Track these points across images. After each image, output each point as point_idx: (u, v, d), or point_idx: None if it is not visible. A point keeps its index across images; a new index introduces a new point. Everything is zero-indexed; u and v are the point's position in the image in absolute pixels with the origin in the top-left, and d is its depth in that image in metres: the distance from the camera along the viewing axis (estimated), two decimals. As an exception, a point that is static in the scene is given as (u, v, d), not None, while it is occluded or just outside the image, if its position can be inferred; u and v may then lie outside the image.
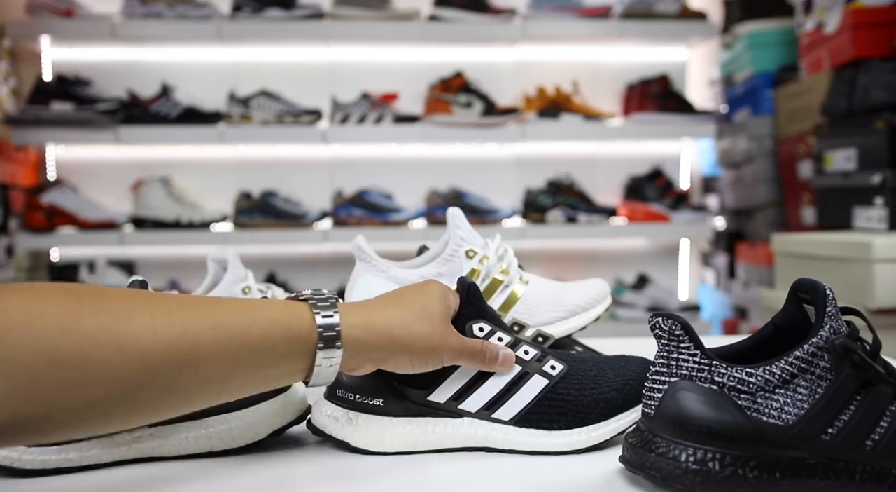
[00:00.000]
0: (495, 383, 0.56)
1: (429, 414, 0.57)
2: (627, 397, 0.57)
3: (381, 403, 0.56)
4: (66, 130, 2.26)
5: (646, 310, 2.43)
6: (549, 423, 0.56)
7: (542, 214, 2.38)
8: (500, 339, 0.57)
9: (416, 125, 2.35)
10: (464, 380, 0.56)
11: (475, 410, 0.56)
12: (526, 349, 0.58)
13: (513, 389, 0.56)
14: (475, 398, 0.56)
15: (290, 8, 2.32)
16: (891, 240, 1.53)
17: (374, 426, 0.56)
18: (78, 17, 2.29)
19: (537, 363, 0.58)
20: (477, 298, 0.57)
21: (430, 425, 0.57)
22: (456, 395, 0.56)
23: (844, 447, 0.46)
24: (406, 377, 0.55)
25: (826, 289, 0.49)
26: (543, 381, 0.57)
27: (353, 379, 0.57)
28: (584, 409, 0.57)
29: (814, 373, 0.47)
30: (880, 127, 1.77)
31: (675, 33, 2.42)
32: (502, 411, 0.56)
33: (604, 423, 0.57)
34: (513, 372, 0.57)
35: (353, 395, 0.57)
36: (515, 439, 0.56)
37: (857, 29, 1.91)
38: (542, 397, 0.56)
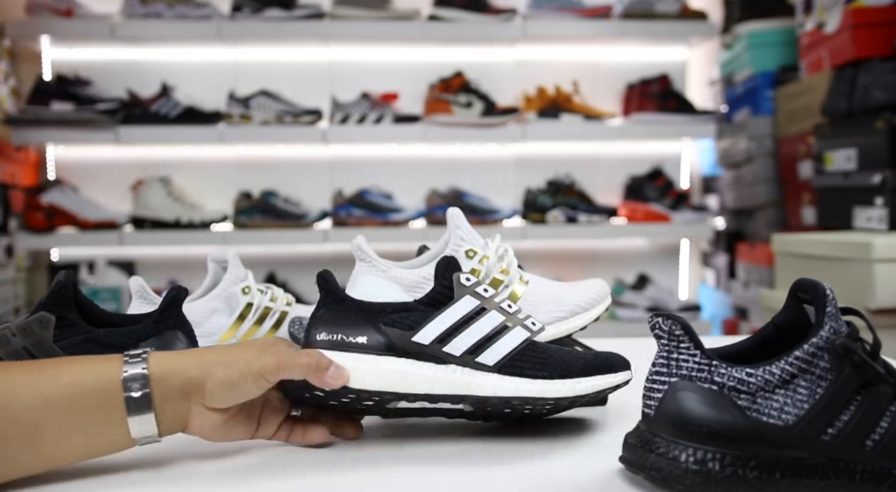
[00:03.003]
0: (479, 327, 0.57)
1: (413, 356, 0.56)
2: (605, 363, 0.59)
3: (365, 340, 0.56)
4: (66, 130, 2.26)
5: (646, 310, 2.43)
6: (533, 371, 0.57)
7: (542, 214, 2.38)
8: (485, 290, 0.59)
9: (416, 125, 2.35)
10: (449, 322, 0.56)
11: (459, 353, 0.56)
12: (509, 304, 0.59)
13: (496, 337, 0.57)
14: (459, 341, 0.56)
15: (290, 8, 2.32)
16: (891, 240, 1.53)
17: (355, 361, 0.55)
18: (78, 17, 2.29)
19: (519, 317, 0.59)
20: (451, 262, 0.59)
21: (413, 366, 0.56)
22: (440, 337, 0.56)
23: (844, 447, 0.46)
24: (391, 318, 0.56)
25: (826, 289, 0.50)
26: (524, 333, 0.58)
27: (334, 316, 0.56)
28: (565, 363, 0.58)
29: (814, 373, 0.47)
30: (880, 127, 1.77)
31: (675, 33, 2.42)
32: (486, 355, 0.56)
33: (586, 378, 0.58)
34: (496, 320, 0.57)
35: (335, 334, 0.56)
36: (500, 385, 0.56)
37: (857, 29, 1.91)
38: (525, 348, 0.58)
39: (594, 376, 0.58)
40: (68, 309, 0.66)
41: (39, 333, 0.64)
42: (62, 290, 0.66)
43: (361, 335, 0.56)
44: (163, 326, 0.70)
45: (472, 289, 0.58)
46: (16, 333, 0.64)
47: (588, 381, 0.58)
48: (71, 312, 0.67)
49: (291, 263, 2.54)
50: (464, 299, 0.57)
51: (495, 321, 0.57)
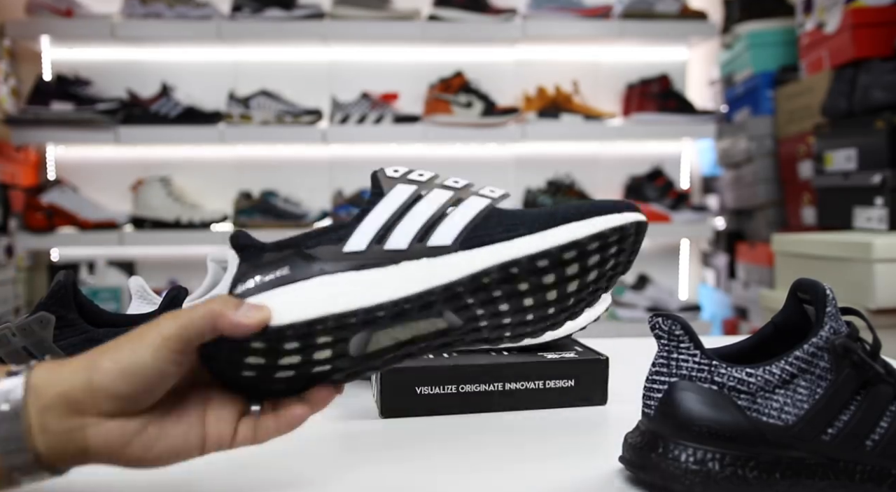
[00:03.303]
0: (422, 210, 0.46)
1: (351, 269, 0.44)
2: (601, 205, 0.47)
3: (288, 270, 0.44)
4: (66, 129, 2.26)
5: (646, 310, 2.43)
6: (505, 234, 0.45)
7: (542, 214, 2.38)
8: (420, 174, 0.49)
9: (416, 125, 2.35)
10: (383, 217, 0.46)
11: (406, 244, 0.45)
12: (455, 180, 0.49)
13: (444, 216, 0.46)
14: (401, 232, 0.45)
15: (290, 8, 2.32)
16: (891, 240, 1.53)
17: (280, 296, 0.43)
18: (78, 17, 2.29)
19: (471, 188, 0.49)
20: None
21: (351, 277, 0.44)
22: (377, 236, 0.45)
23: (844, 447, 0.46)
24: (316, 240, 0.45)
25: (826, 289, 0.50)
26: (482, 201, 0.47)
27: (252, 265, 0.45)
28: (545, 214, 0.46)
29: (814, 373, 0.47)
30: (880, 127, 1.77)
31: (675, 33, 2.42)
32: (439, 235, 0.45)
33: (573, 224, 0.45)
34: (441, 197, 0.47)
35: (252, 277, 0.44)
36: (466, 260, 0.44)
37: (857, 29, 1.91)
38: (486, 214, 0.46)
39: (590, 219, 0.45)
40: (68, 309, 0.66)
41: (39, 333, 0.64)
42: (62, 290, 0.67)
43: (281, 268, 0.44)
44: (163, 326, 0.70)
45: (402, 178, 0.48)
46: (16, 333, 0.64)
47: (583, 223, 0.45)
48: (71, 312, 0.67)
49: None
50: (394, 190, 0.47)
51: (441, 198, 0.47)
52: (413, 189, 0.47)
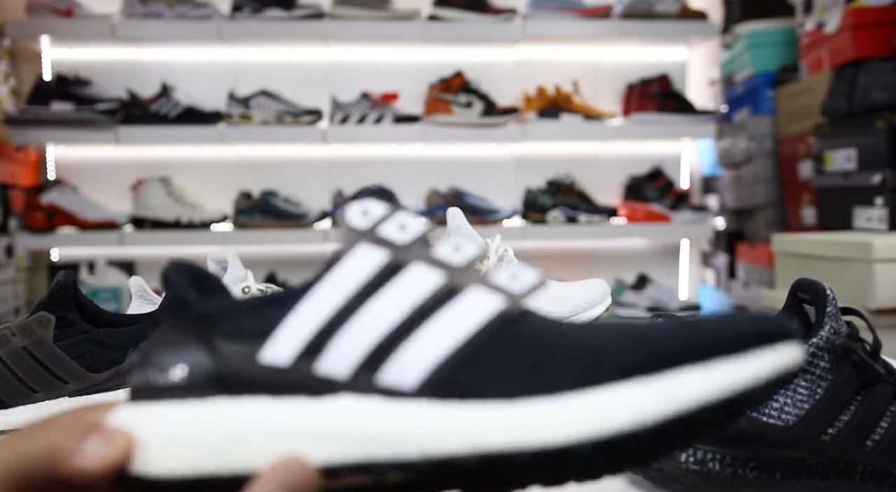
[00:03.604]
0: (388, 309, 0.29)
1: (262, 390, 0.29)
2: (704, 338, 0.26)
3: (185, 376, 0.29)
4: (66, 129, 2.26)
5: (646, 310, 2.43)
6: (505, 385, 0.27)
7: (542, 214, 2.38)
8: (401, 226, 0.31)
9: (416, 125, 2.35)
10: (326, 309, 0.29)
11: (347, 372, 0.28)
12: (457, 245, 0.30)
13: (421, 320, 0.28)
14: (347, 345, 0.28)
15: (290, 8, 2.32)
16: (891, 240, 1.53)
17: (143, 419, 0.29)
18: (78, 17, 2.29)
19: (475, 271, 0.30)
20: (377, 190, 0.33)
21: (255, 410, 0.28)
22: (310, 345, 0.29)
23: (844, 448, 0.46)
24: (240, 324, 0.30)
25: (826, 289, 0.50)
26: (494, 300, 0.29)
27: (160, 338, 0.31)
28: (588, 352, 0.27)
29: (814, 373, 0.47)
30: (880, 127, 1.77)
31: (675, 33, 2.42)
32: (399, 366, 0.28)
33: (638, 380, 0.26)
34: (423, 284, 0.29)
35: (147, 373, 0.30)
36: (431, 424, 0.27)
37: (857, 29, 1.91)
38: (491, 333, 0.28)
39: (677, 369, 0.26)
40: (68, 309, 0.66)
41: (39, 333, 0.64)
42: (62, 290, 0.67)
43: (180, 364, 0.29)
44: (163, 327, 0.70)
45: (371, 232, 0.30)
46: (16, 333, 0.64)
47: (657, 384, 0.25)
48: (71, 312, 0.67)
49: (292, 263, 2.54)
50: (355, 254, 0.30)
51: (422, 284, 0.29)
52: (382, 258, 0.30)
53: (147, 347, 0.31)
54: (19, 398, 0.65)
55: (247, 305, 0.30)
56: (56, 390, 0.65)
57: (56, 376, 0.65)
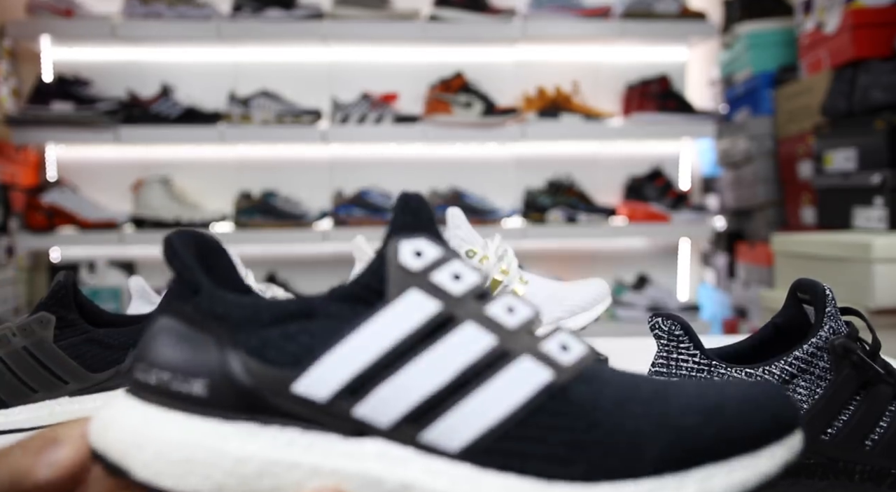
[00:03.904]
0: (438, 365, 0.28)
1: (289, 421, 0.28)
2: (731, 433, 0.29)
3: (205, 390, 0.29)
4: (66, 129, 2.26)
5: (646, 310, 2.43)
6: (546, 463, 0.28)
7: (542, 214, 2.38)
8: (456, 276, 0.30)
9: (416, 125, 2.35)
10: (372, 352, 0.29)
11: (389, 420, 0.28)
12: (511, 306, 0.30)
13: (474, 382, 0.29)
14: (392, 394, 0.28)
15: (290, 8, 2.32)
16: (891, 240, 1.53)
17: (164, 430, 0.28)
18: (78, 17, 2.29)
19: (530, 338, 0.30)
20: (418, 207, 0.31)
21: (286, 443, 0.28)
22: (353, 384, 0.28)
23: (844, 447, 0.46)
24: (262, 337, 0.29)
25: (826, 289, 0.50)
26: (543, 372, 0.29)
27: (170, 332, 0.30)
28: (626, 437, 0.28)
29: (813, 373, 0.48)
30: (880, 127, 1.77)
31: (675, 33, 2.42)
32: (445, 427, 0.28)
33: (672, 478, 0.27)
34: (476, 344, 0.29)
35: (156, 374, 0.30)
36: (467, 490, 0.27)
37: (856, 29, 1.91)
38: (537, 406, 0.28)
39: (697, 469, 0.28)
40: (68, 309, 0.66)
41: (39, 333, 0.64)
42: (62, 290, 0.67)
43: (198, 376, 0.29)
44: (163, 327, 0.70)
45: (425, 276, 0.30)
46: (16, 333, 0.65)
47: (680, 482, 0.27)
48: (71, 312, 0.67)
49: (292, 263, 2.54)
50: (406, 301, 0.29)
51: (475, 347, 0.29)
52: (437, 309, 0.29)
53: (154, 335, 0.30)
54: (20, 398, 0.65)
55: (268, 315, 0.29)
56: (56, 389, 0.65)
57: (56, 376, 0.65)
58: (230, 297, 0.30)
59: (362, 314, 0.29)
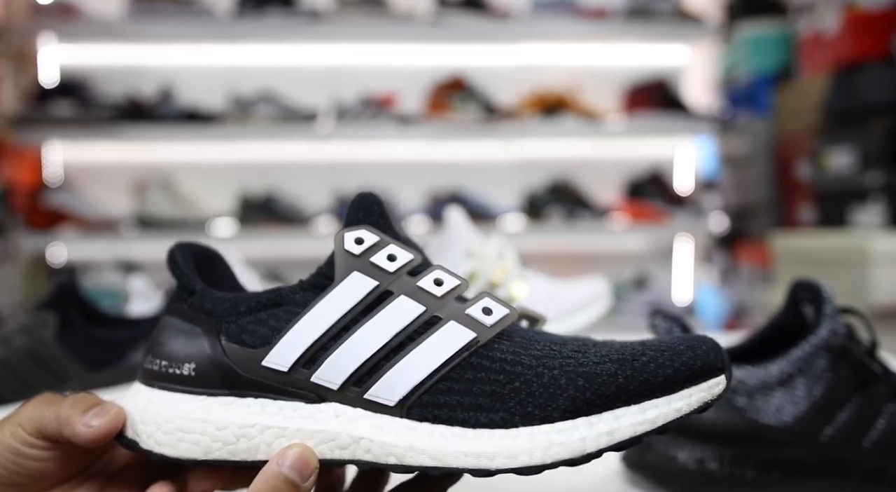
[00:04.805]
0: (375, 332, 0.33)
1: (263, 392, 0.34)
2: (641, 378, 0.31)
3: (193, 371, 0.35)
4: (67, 130, 2.26)
5: (645, 310, 2.43)
6: (472, 412, 0.32)
7: (542, 213, 2.38)
8: (390, 257, 0.34)
9: (416, 126, 2.35)
10: (322, 326, 0.34)
11: (337, 384, 0.33)
12: (438, 278, 0.34)
13: (406, 346, 0.33)
14: (340, 361, 0.33)
15: (291, 8, 2.32)
16: (890, 240, 1.53)
17: (162, 407, 0.35)
18: (79, 17, 2.30)
19: (457, 304, 0.34)
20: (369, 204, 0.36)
21: (259, 410, 0.34)
22: (308, 355, 0.34)
23: (842, 447, 0.47)
24: (240, 324, 0.35)
25: (825, 289, 0.50)
26: (466, 333, 0.33)
27: (171, 326, 0.37)
28: (542, 388, 0.31)
29: (812, 373, 0.48)
30: (879, 127, 1.77)
31: (674, 33, 2.42)
32: (383, 385, 0.33)
33: (585, 419, 0.31)
34: (408, 313, 0.33)
35: (159, 362, 0.36)
36: (406, 441, 0.32)
37: (855, 31, 1.91)
38: (462, 362, 0.33)
39: (611, 412, 0.31)
40: (69, 309, 0.67)
41: (40, 332, 0.65)
42: (63, 290, 0.67)
43: (189, 361, 0.35)
44: (163, 326, 0.70)
45: (364, 258, 0.34)
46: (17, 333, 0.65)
47: (592, 424, 0.31)
48: (71, 312, 0.67)
49: (292, 263, 2.54)
50: (349, 280, 0.34)
51: (406, 315, 0.33)
52: (373, 285, 0.34)
53: (158, 332, 0.37)
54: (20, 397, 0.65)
55: (245, 305, 0.35)
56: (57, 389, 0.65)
57: (56, 376, 0.66)
58: (217, 294, 0.36)
59: (321, 288, 0.35)
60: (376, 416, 0.33)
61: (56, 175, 2.50)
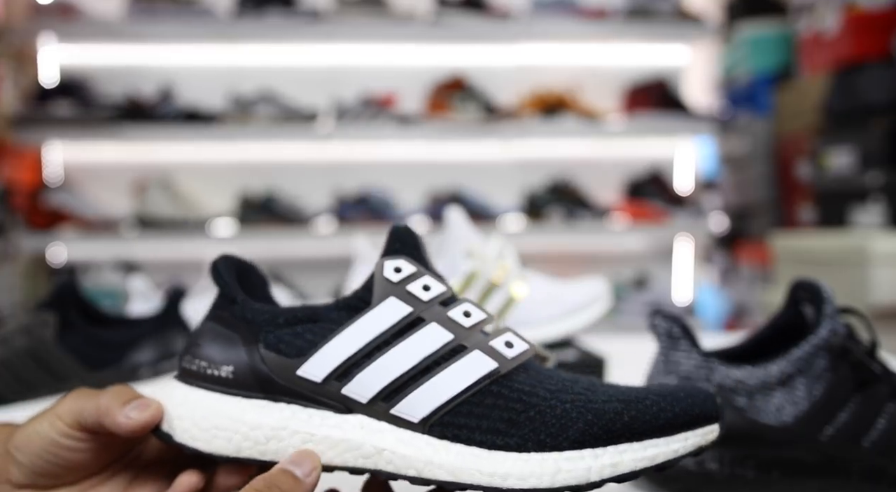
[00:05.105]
0: (405, 354, 0.36)
1: (295, 399, 0.37)
2: (644, 418, 0.34)
3: (231, 374, 0.38)
4: (66, 129, 2.26)
5: (645, 310, 2.43)
6: (489, 435, 0.35)
7: (542, 213, 2.38)
8: (425, 287, 0.38)
9: (416, 126, 2.35)
10: (356, 344, 0.37)
11: (367, 398, 0.36)
12: (467, 310, 0.38)
13: (433, 369, 0.36)
14: (370, 377, 0.36)
15: (291, 8, 2.32)
16: (889, 240, 1.54)
17: (199, 404, 0.38)
18: (79, 17, 2.30)
19: (482, 335, 0.37)
20: (404, 237, 0.40)
21: (290, 415, 0.37)
22: (341, 369, 0.37)
23: (842, 446, 0.47)
24: (277, 335, 0.38)
25: (825, 289, 0.50)
26: (488, 363, 0.36)
27: (210, 331, 0.40)
28: (555, 418, 0.35)
29: (812, 373, 0.48)
30: (879, 127, 1.77)
31: (674, 33, 2.42)
32: (409, 402, 0.36)
33: (591, 451, 0.34)
34: (437, 339, 0.37)
35: (198, 362, 0.39)
36: (423, 457, 0.35)
37: (855, 30, 1.91)
38: (483, 389, 0.36)
39: (615, 447, 0.34)
40: (69, 309, 0.67)
41: (40, 332, 0.65)
42: (63, 290, 0.67)
43: (227, 364, 0.38)
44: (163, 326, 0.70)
45: (401, 286, 0.38)
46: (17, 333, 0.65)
47: (597, 456, 0.34)
48: (71, 312, 0.67)
49: (292, 263, 2.55)
50: (385, 304, 0.38)
51: (435, 341, 0.37)
52: (407, 311, 0.37)
53: (198, 334, 0.40)
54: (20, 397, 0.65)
55: (283, 318, 0.39)
56: (57, 388, 0.65)
57: (56, 376, 0.66)
58: (257, 305, 0.39)
59: (357, 309, 0.38)
60: (400, 430, 0.36)
61: (56, 175, 2.50)
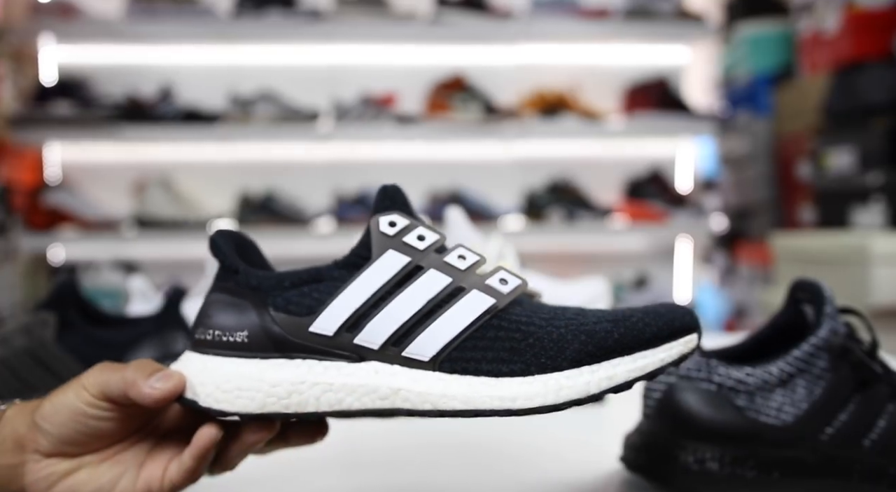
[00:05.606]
0: (409, 301, 0.39)
1: (311, 355, 0.40)
2: (632, 334, 0.38)
3: (246, 338, 0.40)
4: (66, 129, 2.26)
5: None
6: (495, 364, 0.38)
7: (542, 213, 2.38)
8: (420, 237, 0.41)
9: (416, 126, 2.35)
10: (362, 297, 0.39)
11: (378, 344, 0.39)
12: (461, 254, 0.41)
13: (436, 311, 0.39)
14: (379, 326, 0.39)
15: (290, 8, 2.32)
16: (890, 240, 1.53)
17: (219, 370, 0.40)
18: (79, 17, 2.29)
19: (478, 277, 0.40)
20: (393, 194, 0.43)
21: (307, 369, 0.39)
22: (350, 321, 0.39)
23: (842, 447, 0.47)
24: (286, 297, 0.40)
25: (825, 289, 0.50)
26: (487, 300, 0.39)
27: (218, 302, 0.42)
28: (553, 343, 0.38)
29: (812, 373, 0.48)
30: (879, 127, 1.77)
31: (674, 33, 2.42)
32: (418, 344, 0.38)
33: (588, 368, 0.37)
34: (436, 284, 0.39)
35: (211, 332, 0.41)
36: (437, 391, 0.38)
37: (855, 30, 1.91)
38: (484, 324, 0.38)
39: (609, 362, 0.37)
40: (68, 309, 0.67)
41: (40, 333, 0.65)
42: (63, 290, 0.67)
43: (241, 329, 0.40)
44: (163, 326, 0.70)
45: (398, 238, 0.41)
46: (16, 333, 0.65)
47: (593, 371, 0.37)
48: (71, 312, 0.67)
49: (292, 263, 2.52)
50: (385, 257, 0.40)
51: (435, 286, 0.39)
52: (406, 261, 0.40)
53: (207, 306, 0.41)
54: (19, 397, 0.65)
55: (289, 281, 0.41)
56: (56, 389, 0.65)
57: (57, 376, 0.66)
58: (260, 273, 0.42)
59: (358, 266, 0.40)
60: (412, 371, 0.38)
61: (56, 175, 2.50)
